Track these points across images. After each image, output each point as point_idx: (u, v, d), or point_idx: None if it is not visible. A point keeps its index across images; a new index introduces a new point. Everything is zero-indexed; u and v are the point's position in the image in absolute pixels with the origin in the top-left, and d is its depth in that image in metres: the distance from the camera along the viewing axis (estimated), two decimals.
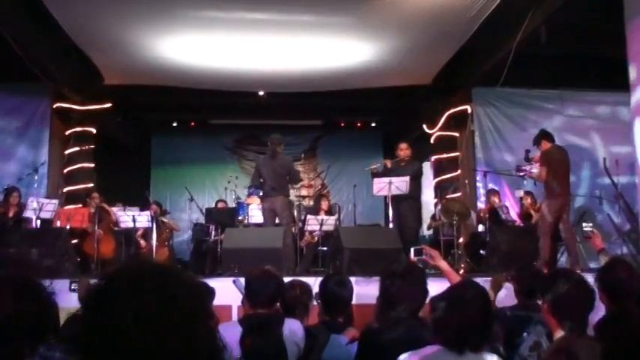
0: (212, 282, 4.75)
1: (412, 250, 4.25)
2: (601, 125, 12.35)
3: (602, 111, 12.39)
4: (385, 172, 10.02)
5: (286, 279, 4.39)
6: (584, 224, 5.33)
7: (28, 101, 12.02)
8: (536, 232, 8.60)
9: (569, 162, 8.65)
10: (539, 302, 3.34)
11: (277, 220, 9.53)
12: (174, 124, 15.96)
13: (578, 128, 12.32)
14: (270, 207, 9.48)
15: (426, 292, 3.25)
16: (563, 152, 8.67)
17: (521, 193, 11.06)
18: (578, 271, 6.83)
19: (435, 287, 3.10)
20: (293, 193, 12.21)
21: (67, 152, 12.25)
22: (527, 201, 10.66)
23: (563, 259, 9.46)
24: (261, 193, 9.68)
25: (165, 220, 11.76)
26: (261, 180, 9.62)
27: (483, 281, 6.11)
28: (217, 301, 3.99)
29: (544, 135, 8.72)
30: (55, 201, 10.12)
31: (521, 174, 8.94)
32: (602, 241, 5.18)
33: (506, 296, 5.42)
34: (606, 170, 10.84)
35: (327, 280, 4.11)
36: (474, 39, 9.82)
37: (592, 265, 9.01)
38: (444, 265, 4.25)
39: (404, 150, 10.11)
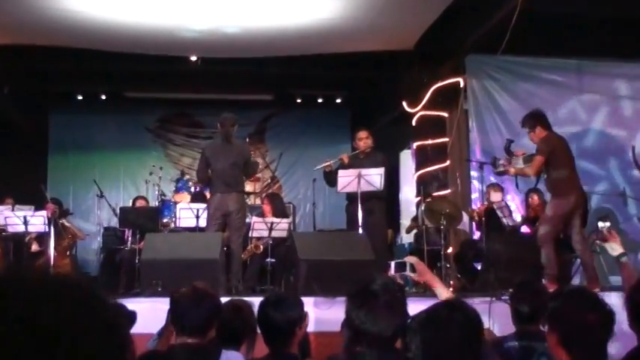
0: (128, 303, 4.70)
1: (392, 264, 4.23)
2: (629, 105, 12.51)
3: (632, 87, 12.55)
4: (343, 169, 10.08)
5: (224, 299, 4.38)
6: (599, 223, 5.38)
7: None
8: None
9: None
10: (543, 328, 3.36)
11: (232, 224, 9.43)
12: (79, 98, 15.77)
13: (599, 108, 12.47)
14: (220, 208, 9.38)
15: (406, 316, 3.25)
16: (564, 140, 8.83)
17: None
18: (596, 290, 6.95)
19: (418, 309, 3.11)
20: None
21: None
22: (535, 201, 10.77)
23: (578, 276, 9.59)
24: (187, 190, 9.61)
25: (66, 223, 11.62)
26: (210, 172, 9.56)
27: (479, 302, 6.17)
28: (136, 329, 3.95)
29: (539, 118, 8.81)
30: None
31: (499, 170, 9.05)
32: (622, 244, 5.23)
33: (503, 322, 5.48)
34: (635, 161, 11.01)
35: (264, 303, 4.09)
36: None
37: (615, 281, 9.16)
38: (435, 282, 4.18)
39: (364, 140, 10.29)
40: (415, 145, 13.38)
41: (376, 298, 3.16)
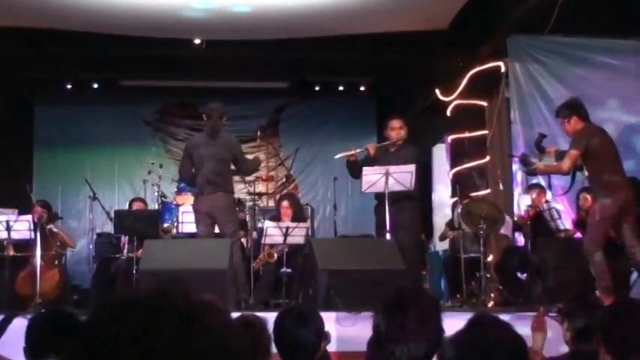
0: None
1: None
2: None
3: None
4: (369, 163, 10.02)
5: (234, 315, 4.38)
6: None
7: None
8: None
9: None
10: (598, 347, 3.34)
11: (217, 229, 9.50)
12: (69, 87, 15.80)
13: None
14: (206, 210, 9.44)
15: (441, 332, 3.26)
16: (605, 132, 8.77)
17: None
18: None
19: (454, 326, 3.11)
20: (240, 189, 12.17)
21: None
22: (587, 202, 10.72)
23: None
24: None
25: (55, 229, 11.66)
26: (193, 170, 9.59)
27: (524, 318, 6.16)
28: None
29: (577, 107, 8.75)
30: None
31: (529, 169, 9.00)
32: None
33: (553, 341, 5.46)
34: None
35: (282, 316, 4.10)
36: None
37: None
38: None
39: (397, 130, 10.16)
40: (450, 138, 13.35)
41: (406, 313, 3.17)
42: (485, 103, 12.70)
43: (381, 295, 3.44)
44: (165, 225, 11.46)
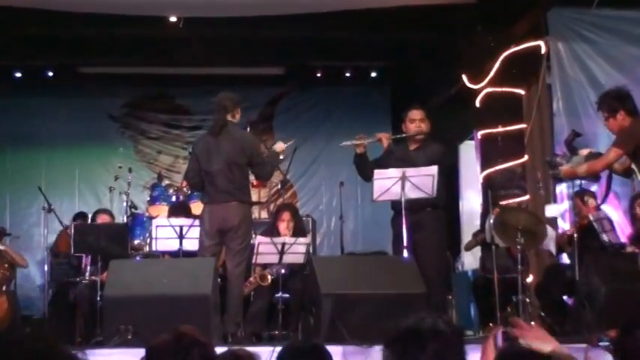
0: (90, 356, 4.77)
1: (498, 335, 4.12)
2: None
3: None
4: (384, 159, 9.98)
5: (220, 350, 4.42)
6: None
7: None
8: None
9: None
10: None
11: (230, 245, 9.37)
12: (18, 75, 15.86)
13: None
14: (216, 224, 9.34)
15: None
16: None
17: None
18: None
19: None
20: None
21: None
22: None
23: None
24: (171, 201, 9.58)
25: (1, 246, 11.70)
26: (202, 176, 9.54)
27: (570, 350, 6.21)
28: None
29: (624, 99, 8.74)
30: None
31: (554, 172, 9.04)
32: None
33: None
34: None
35: (285, 352, 4.13)
36: None
37: None
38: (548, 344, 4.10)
39: (417, 122, 10.04)
40: (480, 134, 13.38)
41: (423, 346, 3.20)
42: (522, 92, 12.71)
43: (394, 324, 3.47)
44: (136, 242, 11.49)
